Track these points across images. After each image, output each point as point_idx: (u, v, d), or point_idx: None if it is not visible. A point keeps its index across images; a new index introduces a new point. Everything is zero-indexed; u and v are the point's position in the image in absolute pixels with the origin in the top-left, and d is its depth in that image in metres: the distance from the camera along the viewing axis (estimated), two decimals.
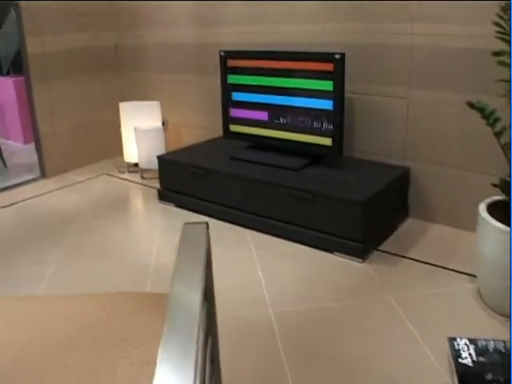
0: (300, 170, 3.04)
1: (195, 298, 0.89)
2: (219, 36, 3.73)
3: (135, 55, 4.45)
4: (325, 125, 2.98)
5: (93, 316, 1.28)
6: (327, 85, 2.91)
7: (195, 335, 0.75)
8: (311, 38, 3.26)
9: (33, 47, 4.01)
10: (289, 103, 3.12)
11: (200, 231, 1.12)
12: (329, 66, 2.88)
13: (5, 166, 4.74)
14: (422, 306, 2.23)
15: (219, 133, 3.75)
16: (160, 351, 0.73)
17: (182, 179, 3.32)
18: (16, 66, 5.75)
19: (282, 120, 3.16)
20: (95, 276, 2.61)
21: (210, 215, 3.22)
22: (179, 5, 3.93)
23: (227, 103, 3.38)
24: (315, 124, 3.02)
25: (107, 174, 4.21)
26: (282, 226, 2.89)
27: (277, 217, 2.92)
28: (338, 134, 2.94)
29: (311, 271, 2.56)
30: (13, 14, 5.54)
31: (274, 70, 3.13)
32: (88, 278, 2.59)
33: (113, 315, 1.27)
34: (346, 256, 2.67)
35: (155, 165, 3.72)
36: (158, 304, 1.33)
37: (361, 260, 2.63)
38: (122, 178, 4.09)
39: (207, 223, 1.16)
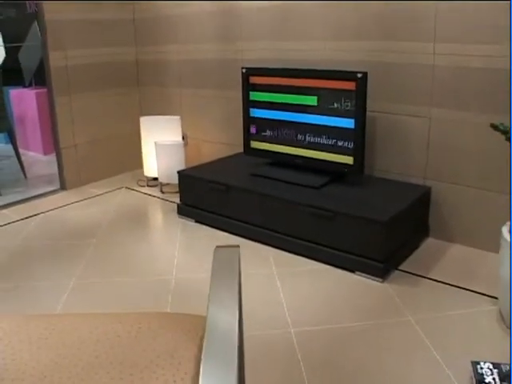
0: (320, 188, 3.04)
1: (232, 323, 0.90)
2: (240, 52, 3.76)
3: (156, 70, 4.49)
4: (346, 143, 2.98)
5: (121, 336, 1.28)
6: (349, 103, 2.92)
7: (236, 363, 0.76)
8: (332, 55, 3.27)
9: (56, 61, 4.06)
10: (310, 121, 3.13)
11: (232, 255, 1.12)
12: (351, 85, 2.89)
13: (25, 176, 4.79)
14: (443, 328, 2.22)
15: (239, 148, 3.77)
16: (201, 379, 0.73)
17: (201, 195, 3.34)
18: (38, 78, 5.82)
19: (303, 137, 3.17)
20: (116, 291, 2.62)
21: (229, 231, 3.23)
22: (201, 20, 3.97)
23: (248, 120, 3.40)
24: (336, 142, 3.03)
25: (127, 188, 4.23)
26: (303, 244, 2.89)
27: (297, 235, 2.92)
28: (359, 153, 2.94)
29: (332, 290, 2.56)
30: (36, 27, 5.62)
31: (296, 87, 3.14)
32: (109, 293, 2.60)
33: (141, 335, 1.28)
34: (367, 275, 2.66)
35: (175, 179, 3.74)
36: (186, 324, 1.33)
37: (381, 280, 2.62)
38: (141, 192, 4.12)
39: (239, 246, 1.16)
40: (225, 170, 3.44)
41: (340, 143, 3.01)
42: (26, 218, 3.70)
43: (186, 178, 3.43)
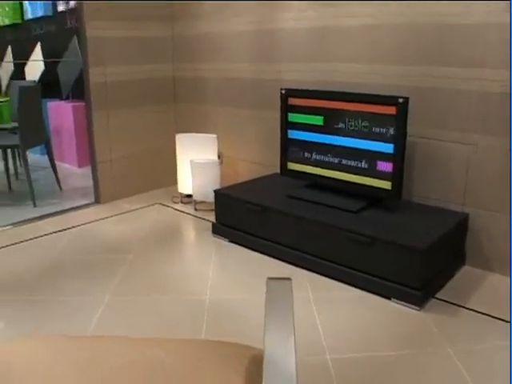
0: (358, 212, 3.02)
1: (290, 361, 0.89)
2: (279, 73, 3.77)
3: (193, 87, 4.53)
4: (384, 168, 2.96)
5: (163, 363, 1.28)
6: (389, 128, 2.91)
7: None
8: (371, 78, 3.27)
9: (95, 76, 4.13)
10: (348, 144, 3.12)
11: (285, 288, 1.12)
12: (391, 110, 2.88)
13: (60, 188, 4.85)
14: (482, 360, 2.18)
15: (275, 169, 3.77)
16: None
17: (237, 214, 3.34)
18: (75, 91, 5.91)
19: (340, 161, 3.16)
20: (151, 310, 2.62)
21: (264, 253, 3.23)
22: (239, 40, 4.00)
23: (286, 141, 3.40)
24: (374, 166, 3.01)
25: (160, 204, 4.26)
26: (339, 269, 2.87)
27: (333, 259, 2.90)
28: (397, 178, 2.92)
29: (368, 317, 2.53)
30: (75, 42, 5.72)
31: (335, 110, 3.14)
32: (143, 312, 2.61)
33: (185, 363, 1.27)
34: (404, 303, 2.63)
35: (209, 197, 3.76)
36: (230, 355, 1.32)
37: (418, 308, 2.59)
38: (175, 209, 4.14)
39: (291, 279, 1.15)
40: (261, 191, 3.45)
41: (378, 168, 3.00)
42: (61, 230, 3.74)
43: (222, 197, 3.44)
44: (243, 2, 3.90)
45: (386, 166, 2.96)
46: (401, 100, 2.83)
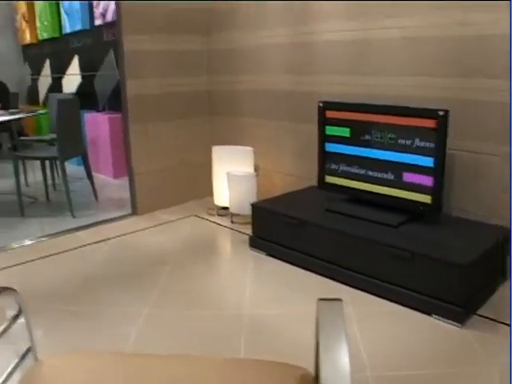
0: (397, 226, 2.99)
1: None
2: (315, 85, 3.77)
3: (229, 100, 4.56)
4: (424, 181, 2.93)
5: (210, 382, 1.28)
6: (428, 142, 2.88)
7: None
8: (410, 91, 3.24)
9: (132, 89, 4.18)
10: (387, 158, 3.09)
11: (337, 310, 1.11)
12: (431, 123, 2.85)
13: (96, 200, 4.91)
14: None
15: (311, 182, 3.75)
16: None
17: (274, 228, 3.34)
18: (111, 103, 6.00)
19: (379, 174, 3.14)
20: (189, 324, 2.63)
21: (302, 267, 3.20)
22: (276, 52, 4.02)
23: (323, 154, 3.40)
24: (414, 180, 2.98)
25: (196, 216, 4.28)
26: (378, 284, 2.84)
27: (372, 274, 2.87)
28: (437, 192, 2.89)
29: (408, 334, 2.50)
30: (111, 56, 5.81)
31: (374, 123, 3.12)
32: (182, 326, 2.61)
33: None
34: (445, 319, 2.59)
35: (245, 210, 3.77)
36: (280, 375, 1.31)
37: (460, 325, 2.54)
38: (211, 221, 4.16)
39: (342, 300, 1.15)
40: (299, 204, 3.44)
41: (418, 181, 2.97)
42: (99, 241, 3.78)
43: (259, 210, 3.45)
44: (279, 14, 3.92)
45: (425, 180, 2.93)
46: (441, 113, 2.80)
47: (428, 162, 2.90)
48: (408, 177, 3.01)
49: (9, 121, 4.99)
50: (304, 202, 3.51)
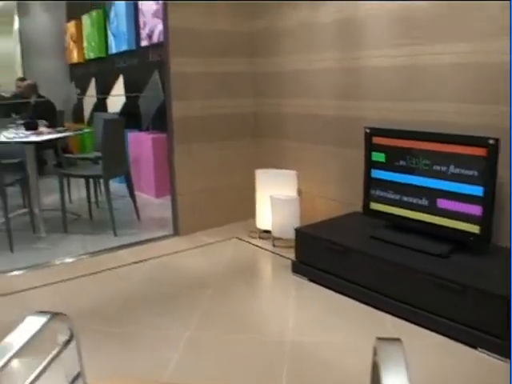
0: (443, 256, 2.92)
1: None
2: (362, 110, 3.73)
3: (273, 123, 4.56)
4: (473, 211, 2.87)
5: None
6: (478, 170, 2.82)
7: None
8: (458, 118, 3.18)
9: (178, 110, 4.22)
10: (434, 186, 3.04)
11: (398, 351, 1.07)
12: (481, 151, 2.79)
13: (138, 219, 4.94)
14: None
15: (354, 207, 3.71)
16: None
17: (318, 253, 3.30)
18: (155, 122, 6.07)
19: (426, 202, 3.08)
20: (231, 349, 2.60)
21: (345, 294, 3.15)
22: (322, 77, 4.01)
23: (369, 180, 3.36)
24: (462, 209, 2.92)
25: (238, 238, 4.27)
26: (423, 314, 2.77)
27: (417, 304, 2.80)
28: (486, 222, 2.82)
29: (452, 366, 2.43)
30: (155, 76, 5.89)
31: (421, 150, 3.08)
32: (223, 351, 2.58)
33: None
34: (490, 353, 2.51)
35: (288, 234, 3.74)
36: None
37: (506, 359, 2.46)
38: (252, 244, 4.14)
39: (401, 340, 1.11)
40: (342, 230, 3.40)
41: (466, 211, 2.90)
42: (141, 261, 3.80)
43: (303, 235, 3.42)
44: (328, 39, 3.91)
45: (474, 209, 2.86)
46: (491, 141, 2.74)
47: (477, 191, 2.84)
48: (456, 206, 2.95)
49: (56, 139, 5.08)
50: (348, 228, 3.47)
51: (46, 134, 4.93)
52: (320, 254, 3.29)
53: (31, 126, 5.16)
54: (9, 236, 4.15)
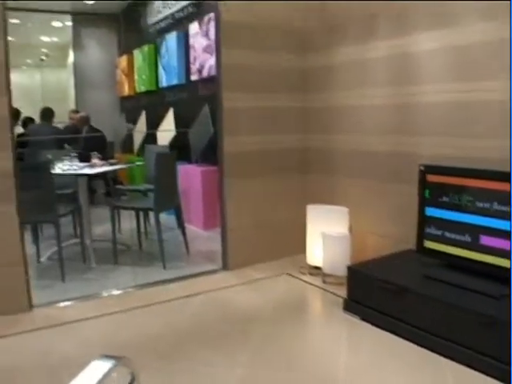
0: (500, 298, 2.84)
1: None
2: (415, 146, 3.69)
3: (323, 159, 4.56)
4: None
5: None
6: None
7: None
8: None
9: (229, 145, 4.26)
10: (491, 225, 2.97)
11: None
12: None
13: (187, 252, 4.96)
14: None
15: (405, 245, 3.65)
16: None
17: (370, 292, 3.25)
18: (203, 155, 6.14)
19: (482, 241, 3.02)
20: None
21: (399, 335, 3.07)
22: (372, 112, 4.00)
23: (423, 218, 3.31)
24: None
25: (288, 274, 4.24)
26: (481, 359, 2.68)
27: (474, 347, 2.71)
28: None
29: None
30: (205, 110, 5.97)
31: (478, 188, 3.02)
32: None
33: None
34: None
35: (339, 271, 3.71)
36: None
37: None
38: (302, 280, 4.10)
39: None
40: (396, 269, 3.35)
41: None
42: (189, 296, 3.81)
43: (355, 273, 3.38)
44: (379, 74, 3.91)
45: None
46: None
47: None
48: None
49: (109, 171, 5.20)
50: (401, 266, 3.41)
51: (99, 167, 5.04)
52: (373, 293, 3.24)
53: (84, 158, 5.28)
54: (61, 266, 4.23)
